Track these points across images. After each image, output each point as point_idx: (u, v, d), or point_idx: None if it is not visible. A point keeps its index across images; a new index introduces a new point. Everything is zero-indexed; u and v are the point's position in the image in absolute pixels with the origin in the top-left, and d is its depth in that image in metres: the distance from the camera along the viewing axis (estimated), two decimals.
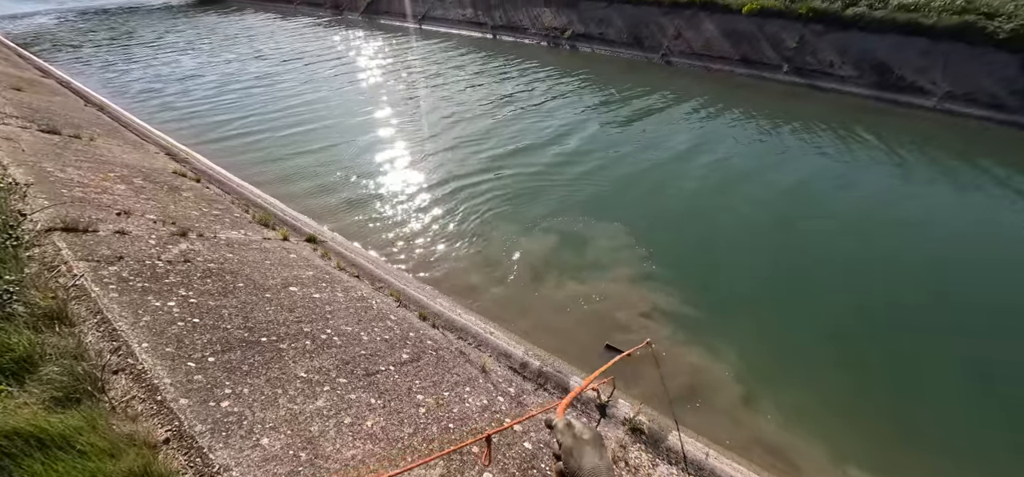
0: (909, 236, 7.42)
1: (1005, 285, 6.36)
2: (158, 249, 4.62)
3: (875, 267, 6.69)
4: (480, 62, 17.82)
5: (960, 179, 9.32)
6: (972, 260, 6.87)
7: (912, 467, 4.21)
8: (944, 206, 8.39)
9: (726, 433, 4.35)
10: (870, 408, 4.72)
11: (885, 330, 5.60)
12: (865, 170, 9.62)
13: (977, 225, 7.78)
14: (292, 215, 7.39)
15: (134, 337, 3.23)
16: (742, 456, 4.00)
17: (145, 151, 8.94)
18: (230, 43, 21.47)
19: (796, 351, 5.34)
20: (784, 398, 4.74)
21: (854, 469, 4.16)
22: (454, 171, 9.21)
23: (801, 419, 4.56)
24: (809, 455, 4.24)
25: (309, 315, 4.28)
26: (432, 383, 3.83)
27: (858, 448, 4.32)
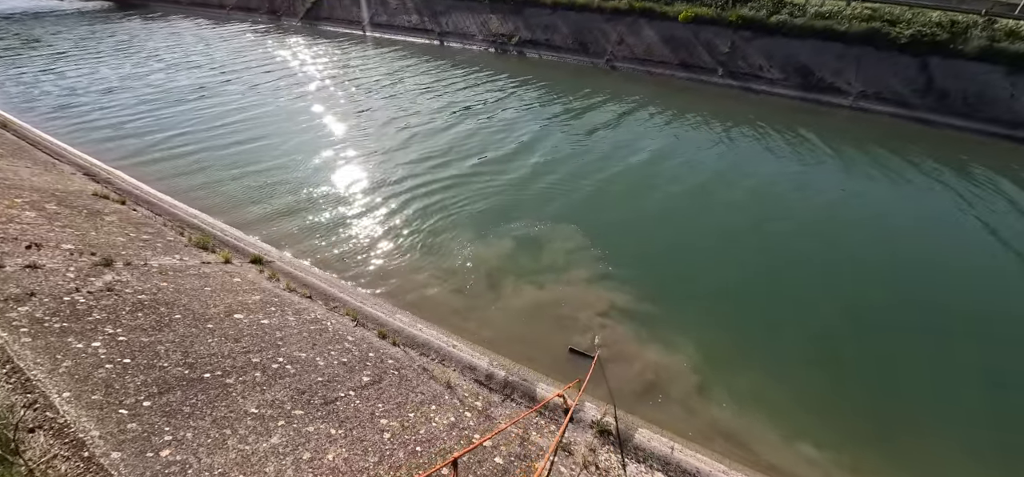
0: (847, 227, 8.08)
1: (935, 268, 7.05)
2: (78, 283, 4.16)
3: (818, 257, 7.23)
4: (428, 69, 17.59)
5: (887, 169, 10.26)
6: (907, 247, 7.58)
7: (857, 441, 4.55)
8: (875, 196, 9.21)
9: (687, 425, 4.51)
10: (816, 390, 5.06)
11: (829, 316, 6.05)
12: (802, 166, 10.37)
13: (913, 217, 8.57)
14: (234, 235, 6.91)
15: (53, 386, 2.88)
16: (704, 446, 4.15)
17: (59, 172, 8.06)
18: (157, 52, 19.88)
19: (747, 340, 5.63)
20: (737, 386, 4.98)
21: (805, 446, 4.43)
22: (406, 182, 9.00)
23: (753, 405, 4.81)
24: (762, 438, 4.48)
25: (258, 344, 4.01)
26: (396, 405, 3.69)
27: (806, 427, 4.61)
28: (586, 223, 7.67)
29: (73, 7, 32.87)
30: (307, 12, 26.99)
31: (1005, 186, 9.71)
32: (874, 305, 6.23)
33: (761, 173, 9.89)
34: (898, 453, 4.44)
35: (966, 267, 7.21)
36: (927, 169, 10.35)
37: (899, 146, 11.48)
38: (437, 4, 23.48)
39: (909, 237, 7.87)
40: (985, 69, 13.22)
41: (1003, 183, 9.83)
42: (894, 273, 6.90)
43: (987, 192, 9.48)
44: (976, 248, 7.73)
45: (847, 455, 4.37)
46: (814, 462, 4.31)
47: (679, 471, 3.77)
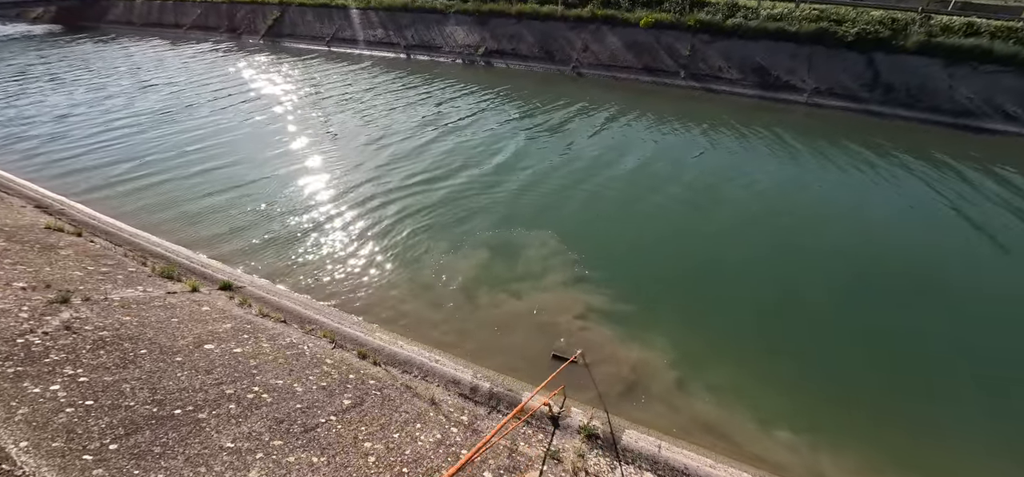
0: (809, 219, 8.42)
1: (899, 257, 7.39)
2: (33, 323, 3.92)
3: (785, 249, 7.51)
4: (396, 84, 17.48)
5: (850, 160, 10.77)
6: (879, 234, 7.94)
7: (833, 425, 4.72)
8: (842, 186, 9.64)
9: (672, 422, 4.58)
10: (790, 378, 5.23)
11: (798, 305, 6.28)
12: (766, 161, 10.78)
13: (883, 205, 8.96)
14: (201, 262, 6.66)
15: (8, 436, 2.70)
16: (690, 442, 4.23)
17: (7, 206, 7.60)
18: (112, 75, 19.05)
19: (722, 334, 5.78)
20: (714, 379, 5.09)
21: (782, 432, 4.56)
22: (379, 199, 8.88)
23: (730, 396, 4.92)
24: (743, 429, 4.59)
25: (231, 374, 3.86)
26: (379, 427, 3.62)
27: (783, 414, 4.76)
28: (561, 229, 7.74)
29: (18, 31, 31.30)
30: (269, 29, 26.45)
31: (967, 173, 10.31)
32: (848, 292, 6.51)
33: (725, 170, 10.22)
34: (877, 433, 4.63)
35: (938, 250, 7.58)
36: (888, 159, 10.91)
37: (858, 138, 12.08)
38: (402, 18, 23.41)
39: (881, 224, 8.25)
40: (925, 63, 14.09)
41: (964, 169, 10.45)
42: (867, 259, 7.21)
43: (949, 178, 10.06)
44: (947, 232, 8.15)
45: (825, 437, 4.53)
46: (792, 447, 4.44)
47: (667, 469, 3.82)
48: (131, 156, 11.08)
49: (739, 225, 8.10)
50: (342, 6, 25.11)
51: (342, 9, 25.08)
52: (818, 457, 4.38)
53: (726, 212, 8.50)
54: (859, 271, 6.94)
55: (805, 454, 4.39)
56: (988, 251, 7.64)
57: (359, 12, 24.59)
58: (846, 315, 6.10)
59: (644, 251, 7.44)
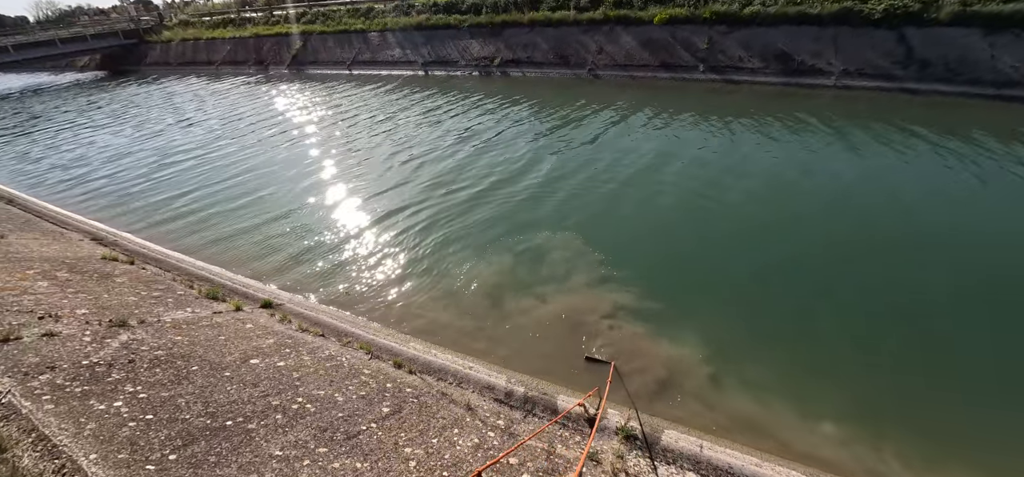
0: (840, 206, 8.12)
1: (953, 237, 7.02)
2: (95, 346, 4.21)
3: (818, 238, 7.26)
4: (416, 100, 17.90)
5: (888, 142, 10.34)
6: (923, 219, 7.58)
7: (883, 418, 4.51)
8: (883, 170, 9.23)
9: (708, 420, 4.48)
10: (832, 370, 5.03)
11: (835, 296, 6.05)
12: (793, 149, 10.47)
13: (926, 188, 8.52)
14: (242, 283, 6.97)
15: (79, 449, 2.90)
16: (732, 440, 4.12)
17: (67, 241, 8.17)
18: (154, 115, 20.26)
19: (754, 327, 5.61)
20: (751, 375, 4.94)
21: (828, 427, 4.39)
22: (405, 211, 9.09)
23: (771, 392, 4.77)
24: (785, 424, 4.43)
25: (276, 386, 4.03)
26: (418, 433, 3.70)
27: (828, 408, 4.57)
28: (585, 230, 7.73)
29: (68, 79, 33.70)
30: (293, 59, 27.59)
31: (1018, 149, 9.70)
32: (888, 280, 6.23)
33: (757, 161, 9.97)
34: (919, 424, 4.40)
35: (988, 234, 7.15)
36: (928, 138, 10.41)
37: (892, 118, 11.59)
38: (417, 36, 24.00)
39: (924, 209, 7.88)
40: (962, 33, 13.43)
41: (1015, 146, 9.84)
42: (911, 246, 6.89)
43: (993, 153, 9.51)
44: (996, 214, 7.69)
45: (875, 430, 4.33)
46: (842, 442, 4.26)
47: (710, 468, 3.73)
48: (175, 189, 11.72)
49: (767, 217, 7.88)
50: (360, 31, 25.99)
51: (360, 34, 25.95)
52: (870, 452, 4.18)
53: (752, 204, 8.29)
54: (899, 258, 6.63)
55: (856, 449, 4.21)
56: None
57: (377, 34, 25.38)
58: (890, 305, 5.82)
59: (671, 248, 7.34)
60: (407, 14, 24.62)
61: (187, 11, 37.79)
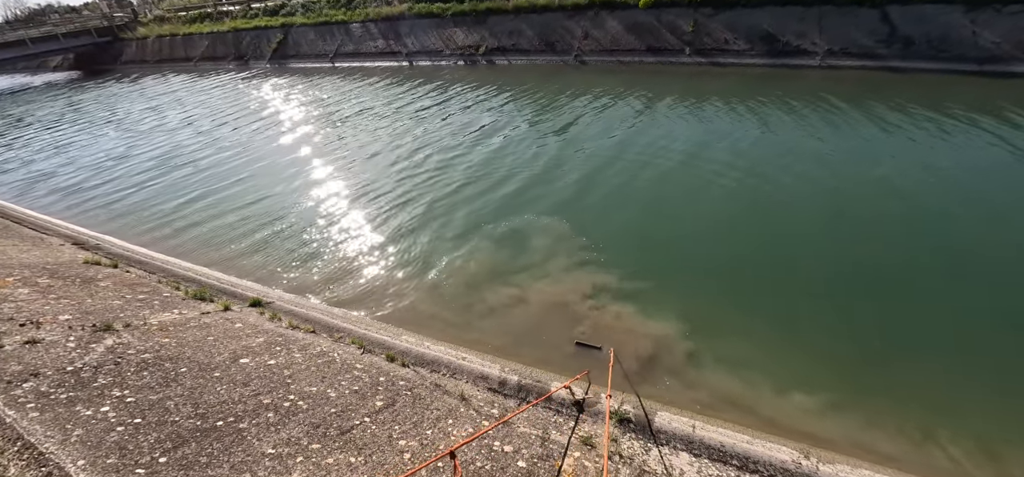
0: (825, 186, 8.21)
1: (941, 217, 7.14)
2: (80, 352, 4.13)
3: (806, 219, 7.34)
4: (400, 92, 17.68)
5: (857, 123, 10.45)
6: (903, 198, 7.70)
7: (865, 393, 4.60)
8: (861, 149, 9.35)
9: (702, 402, 4.53)
10: (816, 348, 5.11)
11: (823, 276, 6.13)
12: (780, 130, 10.53)
13: (903, 166, 8.66)
14: (230, 282, 6.88)
15: (66, 456, 2.85)
16: (725, 419, 4.18)
17: (48, 246, 7.99)
18: (136, 116, 19.78)
19: (738, 307, 5.68)
20: (741, 356, 4.98)
21: (814, 400, 4.47)
22: (392, 205, 9.01)
23: (752, 368, 4.84)
24: (773, 403, 4.51)
25: (267, 385, 3.99)
26: (412, 425, 3.69)
27: (807, 382, 4.65)
28: (574, 219, 7.73)
29: (41, 81, 32.75)
30: (274, 53, 27.04)
31: (995, 120, 9.88)
32: (873, 258, 6.31)
33: (734, 143, 10.02)
34: (914, 396, 4.50)
35: (967, 206, 7.26)
36: (912, 114, 10.51)
37: (876, 97, 11.70)
38: (401, 26, 23.64)
39: (906, 185, 7.96)
40: (944, 10, 13.56)
41: (987, 118, 10.01)
42: (896, 221, 6.98)
43: (972, 127, 9.66)
44: (973, 184, 7.82)
45: (857, 404, 4.42)
46: (827, 414, 4.35)
47: (703, 447, 3.78)
48: (159, 191, 11.49)
49: (750, 198, 7.95)
50: (342, 22, 25.51)
51: (342, 25, 25.47)
52: (854, 424, 4.27)
53: (737, 186, 8.33)
54: (885, 233, 6.73)
55: (840, 422, 4.29)
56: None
57: (359, 25, 24.94)
58: (875, 281, 5.91)
59: (658, 233, 7.37)
60: (389, 4, 24.20)
61: (162, 7, 36.71)
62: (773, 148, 9.65)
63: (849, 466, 3.63)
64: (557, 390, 4.24)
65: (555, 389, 4.28)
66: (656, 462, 3.57)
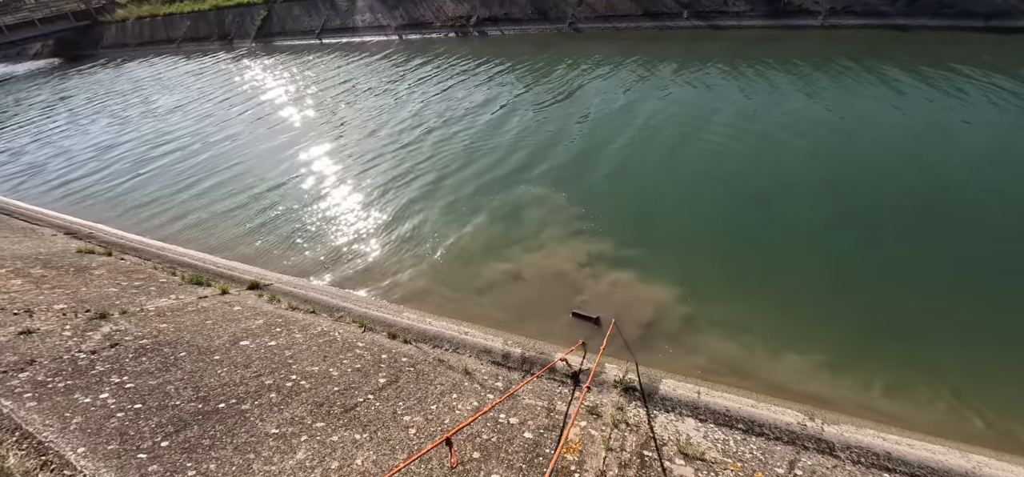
0: (826, 148, 8.07)
1: (925, 175, 7.05)
2: (76, 340, 4.06)
3: (808, 184, 7.24)
4: (390, 67, 17.25)
5: (859, 84, 10.24)
6: (894, 159, 7.58)
7: (868, 354, 4.59)
8: (856, 113, 9.17)
9: (704, 369, 4.51)
10: (818, 311, 5.07)
11: (824, 237, 6.07)
12: (782, 93, 10.32)
13: (907, 129, 8.52)
14: (227, 266, 6.79)
15: (66, 444, 2.81)
16: (729, 386, 4.16)
17: (40, 237, 7.86)
18: (123, 102, 19.33)
19: (738, 272, 5.63)
20: (745, 322, 4.94)
21: (815, 364, 4.46)
22: (387, 184, 8.86)
23: (754, 332, 4.80)
24: (774, 366, 4.49)
25: (268, 366, 3.95)
26: (416, 400, 3.66)
27: (810, 346, 4.63)
28: (575, 189, 7.62)
29: (24, 70, 31.93)
30: (258, 31, 26.30)
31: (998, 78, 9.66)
32: (873, 220, 6.24)
33: (734, 108, 9.82)
34: (915, 357, 4.50)
35: (961, 166, 7.16)
36: (921, 73, 10.24)
37: (879, 55, 11.42)
38: None
39: (904, 145, 7.83)
40: None
41: (989, 75, 9.80)
42: (896, 181, 6.88)
43: (974, 86, 9.45)
44: (970, 144, 7.70)
45: (857, 365, 4.41)
46: (828, 377, 4.34)
47: (709, 412, 3.77)
48: (152, 177, 11.29)
49: (749, 162, 7.81)
50: None
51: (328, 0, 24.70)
52: (857, 385, 4.27)
53: (739, 151, 8.18)
54: (886, 194, 6.63)
55: (844, 384, 4.29)
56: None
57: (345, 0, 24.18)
58: (875, 243, 5.83)
59: (659, 202, 7.26)
60: None
61: None
62: (774, 111, 9.45)
63: (854, 426, 3.63)
64: (558, 362, 4.21)
65: (557, 359, 4.26)
66: (662, 428, 3.57)
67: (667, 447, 3.34)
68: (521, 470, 2.93)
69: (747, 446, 3.42)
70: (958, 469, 3.25)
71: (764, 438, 3.54)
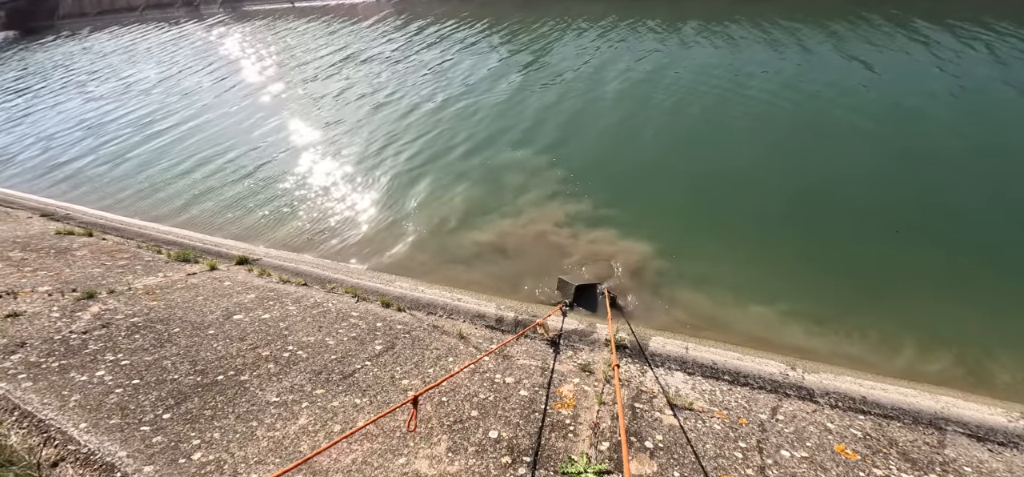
0: (802, 102, 8.13)
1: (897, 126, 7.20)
2: (66, 321, 4.03)
3: (779, 136, 7.32)
4: (370, 29, 16.69)
5: (823, 38, 10.25)
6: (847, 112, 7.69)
7: (844, 303, 4.78)
8: (823, 65, 9.23)
9: (685, 322, 4.67)
10: (794, 265, 5.24)
11: (796, 191, 6.20)
12: (749, 52, 10.29)
13: (867, 78, 8.65)
14: (214, 242, 6.71)
15: (67, 421, 2.83)
16: (715, 341, 4.33)
17: (15, 220, 7.63)
18: (88, 78, 18.44)
19: (714, 228, 5.79)
20: (732, 279, 5.12)
21: (794, 315, 4.65)
22: (371, 153, 8.74)
23: (725, 289, 4.98)
24: (744, 320, 4.67)
25: (264, 338, 3.98)
26: (414, 365, 3.74)
27: (792, 301, 4.81)
28: (559, 153, 7.62)
29: None
30: None
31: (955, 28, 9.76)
32: (841, 173, 6.39)
33: (711, 68, 9.79)
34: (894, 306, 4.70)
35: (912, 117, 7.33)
36: (879, 28, 10.33)
37: (862, 8, 11.39)
38: None
39: (865, 96, 7.96)
40: None
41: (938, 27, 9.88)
42: (868, 137, 7.02)
43: (919, 38, 9.55)
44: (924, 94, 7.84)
45: (831, 314, 4.60)
46: (813, 332, 4.53)
47: (696, 366, 3.92)
48: (129, 156, 10.94)
49: (726, 121, 7.88)
50: None
51: None
52: (837, 337, 4.46)
53: (711, 110, 8.24)
54: (859, 145, 6.77)
55: (825, 336, 4.48)
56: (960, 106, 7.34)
57: None
58: (855, 196, 6.00)
59: (637, 162, 7.32)
60: None
61: None
62: (763, 68, 9.45)
63: (833, 374, 3.82)
64: (550, 319, 4.31)
65: (547, 316, 4.36)
66: (652, 382, 3.71)
67: (657, 399, 3.49)
68: (517, 425, 3.04)
69: (732, 396, 3.58)
70: (928, 409, 3.46)
71: (748, 388, 3.70)
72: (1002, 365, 4.08)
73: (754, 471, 2.77)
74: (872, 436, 3.14)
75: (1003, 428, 3.25)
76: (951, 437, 3.17)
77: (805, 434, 3.11)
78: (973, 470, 2.88)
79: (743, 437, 3.05)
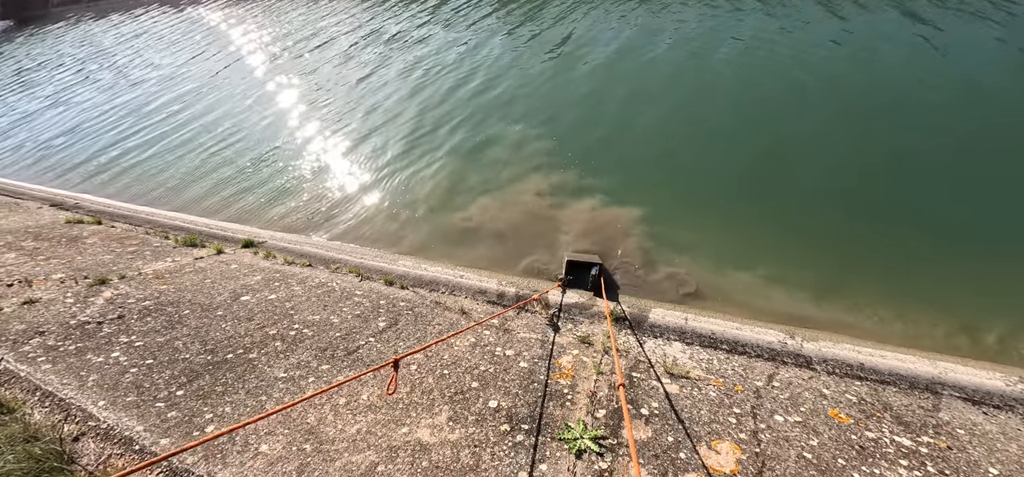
0: (790, 69, 7.96)
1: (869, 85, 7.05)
2: (80, 306, 4.16)
3: (773, 104, 7.20)
4: (366, 7, 16.46)
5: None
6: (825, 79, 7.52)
7: (835, 268, 4.78)
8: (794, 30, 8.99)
9: (702, 298, 4.70)
10: (784, 234, 5.22)
11: (793, 158, 6.13)
12: (733, 25, 10.03)
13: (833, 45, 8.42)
14: (219, 227, 6.82)
15: (87, 399, 2.96)
16: (715, 312, 4.37)
17: (25, 210, 7.79)
18: (90, 67, 18.48)
19: (707, 197, 5.78)
20: (730, 252, 5.12)
21: (789, 284, 4.66)
22: (374, 131, 8.74)
23: (720, 259, 4.99)
24: (735, 287, 4.69)
25: (271, 318, 4.08)
26: (416, 340, 3.83)
27: (792, 271, 4.82)
28: (560, 130, 7.56)
29: None
30: None
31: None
32: (847, 142, 6.29)
33: (705, 36, 9.58)
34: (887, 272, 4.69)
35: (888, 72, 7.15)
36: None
37: None
38: None
39: (829, 61, 7.76)
40: None
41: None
42: (860, 102, 6.88)
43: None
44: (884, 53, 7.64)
45: (826, 280, 4.61)
46: (812, 301, 4.55)
47: (694, 336, 3.97)
48: (134, 143, 11.03)
49: (719, 89, 7.74)
50: None
51: None
52: (836, 307, 4.48)
53: (707, 78, 8.07)
54: (851, 109, 6.65)
55: (824, 305, 4.50)
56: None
57: None
58: (844, 162, 5.90)
59: (630, 133, 7.23)
60: None
61: None
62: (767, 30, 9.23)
63: (831, 341, 3.86)
64: (549, 293, 4.37)
65: (557, 299, 4.42)
66: (650, 352, 3.77)
67: (655, 368, 3.55)
68: (517, 395, 3.13)
69: (730, 364, 3.64)
70: (925, 375, 3.49)
71: (746, 356, 3.76)
72: (998, 333, 4.08)
73: (747, 435, 2.84)
74: (867, 401, 3.19)
75: (1000, 392, 3.28)
76: (946, 401, 3.21)
77: (800, 400, 3.17)
78: (966, 431, 2.93)
79: (738, 403, 3.12)
